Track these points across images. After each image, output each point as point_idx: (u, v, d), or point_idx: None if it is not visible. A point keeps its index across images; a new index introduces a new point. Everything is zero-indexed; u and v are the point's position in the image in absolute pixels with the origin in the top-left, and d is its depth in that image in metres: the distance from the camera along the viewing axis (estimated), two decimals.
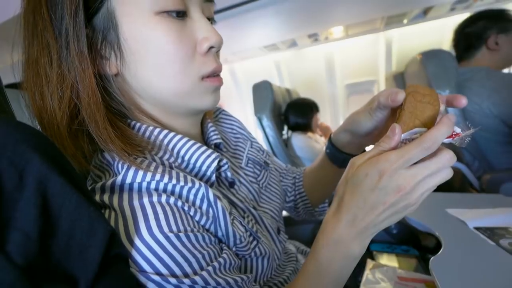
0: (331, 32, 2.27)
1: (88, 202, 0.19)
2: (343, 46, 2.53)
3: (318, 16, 1.92)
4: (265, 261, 0.40)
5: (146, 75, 0.33)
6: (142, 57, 0.32)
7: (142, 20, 0.30)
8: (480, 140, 1.10)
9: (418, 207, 0.31)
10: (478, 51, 1.11)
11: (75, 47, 0.29)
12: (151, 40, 0.31)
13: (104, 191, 0.31)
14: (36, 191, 0.16)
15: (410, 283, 0.55)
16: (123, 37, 0.31)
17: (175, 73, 0.32)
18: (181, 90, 0.34)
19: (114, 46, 0.31)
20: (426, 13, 1.97)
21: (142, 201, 0.29)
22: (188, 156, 0.36)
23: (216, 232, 0.34)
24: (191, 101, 0.35)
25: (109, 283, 0.18)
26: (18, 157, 0.16)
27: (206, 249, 0.31)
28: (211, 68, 0.34)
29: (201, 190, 0.33)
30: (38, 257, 0.15)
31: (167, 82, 0.33)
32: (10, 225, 0.15)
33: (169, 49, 0.31)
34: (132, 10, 0.30)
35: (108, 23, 0.30)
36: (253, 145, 0.54)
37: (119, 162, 0.32)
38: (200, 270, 0.29)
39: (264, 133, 1.89)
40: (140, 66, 0.32)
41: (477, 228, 0.52)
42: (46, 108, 0.31)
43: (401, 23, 2.13)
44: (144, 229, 0.27)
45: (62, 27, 0.29)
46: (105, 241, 0.18)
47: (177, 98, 0.35)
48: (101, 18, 0.30)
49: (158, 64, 0.32)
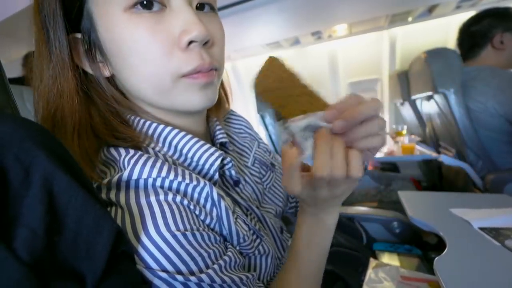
0: (334, 30, 2.26)
1: (94, 199, 0.19)
2: (346, 44, 2.52)
3: (321, 14, 1.91)
4: (268, 260, 0.40)
5: (127, 76, 0.32)
6: (120, 59, 0.31)
7: (114, 20, 0.29)
8: (484, 139, 1.09)
9: (422, 206, 0.32)
10: (483, 50, 1.10)
11: (59, 53, 0.30)
12: (123, 40, 0.29)
13: (110, 188, 0.31)
14: (42, 187, 0.16)
15: (413, 283, 0.54)
16: (101, 39, 0.31)
17: (150, 74, 0.31)
18: (160, 90, 0.32)
19: (99, 48, 0.31)
20: (431, 11, 1.95)
21: (149, 199, 0.29)
22: (191, 154, 0.36)
23: (221, 231, 0.34)
24: (176, 101, 0.33)
25: (116, 281, 0.18)
26: (24, 154, 0.16)
27: (211, 247, 0.31)
28: (192, 65, 0.30)
29: (205, 189, 0.33)
30: (44, 254, 0.15)
31: (144, 82, 0.31)
32: (17, 221, 0.15)
33: (139, 48, 0.29)
34: (104, 11, 0.29)
35: (89, 29, 0.30)
36: (260, 146, 0.54)
37: (126, 158, 0.31)
38: (206, 268, 0.29)
39: (267, 131, 1.89)
40: (121, 67, 0.31)
41: (482, 229, 0.52)
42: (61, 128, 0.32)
43: (406, 21, 2.11)
44: (151, 227, 0.27)
45: (49, 35, 0.30)
46: (112, 239, 0.18)
47: (161, 99, 0.33)
48: (85, 21, 0.30)
49: (132, 64, 0.30)
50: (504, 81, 1.00)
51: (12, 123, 0.16)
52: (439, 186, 1.47)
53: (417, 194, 0.78)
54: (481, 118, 1.06)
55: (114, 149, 0.33)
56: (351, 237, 0.76)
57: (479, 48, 1.11)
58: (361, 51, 2.52)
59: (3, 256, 0.14)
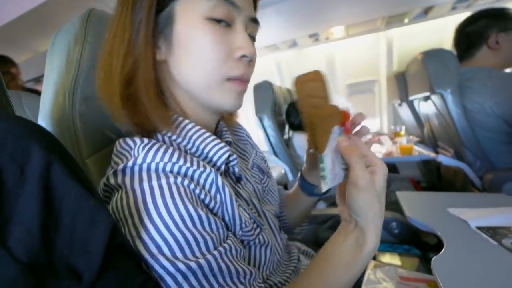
0: (331, 32, 2.27)
1: (89, 194, 0.19)
2: (344, 46, 2.53)
3: (318, 16, 1.92)
4: (268, 251, 0.42)
5: (185, 67, 0.38)
6: (186, 51, 0.37)
7: (193, 23, 0.36)
8: (482, 139, 1.09)
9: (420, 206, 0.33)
10: (479, 50, 1.10)
11: (144, 33, 0.36)
12: (195, 39, 0.36)
13: (125, 173, 0.34)
14: (37, 185, 0.16)
15: (411, 283, 0.54)
16: (175, 32, 0.37)
17: (208, 69, 0.37)
18: (207, 85, 0.38)
19: (167, 38, 0.38)
20: (427, 13, 1.97)
21: (160, 181, 0.32)
22: (203, 145, 0.40)
23: (223, 216, 0.36)
24: (215, 99, 0.40)
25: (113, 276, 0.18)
26: (19, 152, 0.16)
27: (214, 232, 0.33)
28: (238, 72, 0.39)
29: (211, 175, 0.36)
30: (40, 251, 0.15)
31: (200, 76, 0.38)
32: (12, 220, 0.15)
33: (206, 48, 0.37)
34: (188, 14, 0.36)
35: (168, 21, 0.37)
36: (257, 154, 0.58)
37: (140, 146, 0.35)
38: (207, 252, 0.31)
39: (265, 133, 1.89)
40: (183, 58, 0.38)
41: (479, 228, 0.52)
42: (109, 76, 0.38)
43: (402, 22, 2.13)
44: (161, 206, 0.30)
45: (137, 17, 0.36)
46: (107, 233, 0.18)
47: (203, 92, 0.39)
48: (163, 16, 0.37)
49: (196, 59, 0.37)
50: (501, 81, 1.01)
51: (5, 121, 0.16)
52: (438, 186, 1.47)
53: (415, 195, 0.78)
54: (478, 118, 1.07)
55: (130, 139, 0.37)
56: None
57: (475, 49, 1.11)
58: (359, 52, 2.54)
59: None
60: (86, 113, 0.44)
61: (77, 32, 0.44)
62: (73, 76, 0.43)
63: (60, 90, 0.44)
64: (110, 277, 0.18)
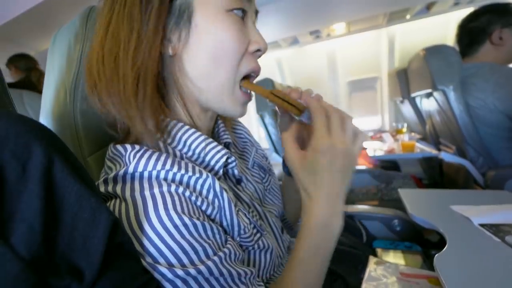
0: (333, 29, 2.26)
1: (91, 192, 0.19)
2: (345, 43, 2.52)
3: (319, 13, 1.91)
4: (268, 255, 0.40)
5: (201, 62, 0.36)
6: (204, 45, 0.35)
7: (214, 15, 0.35)
8: (484, 136, 1.09)
9: (423, 204, 0.32)
10: (482, 46, 1.09)
11: (154, 24, 0.33)
12: (218, 33, 0.35)
13: (116, 182, 0.32)
14: (39, 182, 0.16)
15: (412, 279, 0.54)
16: (194, 24, 0.35)
17: (227, 66, 0.36)
18: (221, 86, 0.37)
19: (182, 30, 0.35)
20: (429, 8, 1.95)
21: (153, 191, 0.31)
22: (199, 149, 0.38)
23: (221, 222, 0.35)
24: (225, 101, 0.39)
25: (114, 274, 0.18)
26: (21, 150, 0.16)
27: (211, 239, 0.32)
28: (252, 66, 0.39)
29: (208, 180, 0.34)
30: (42, 249, 0.15)
31: (217, 73, 0.37)
32: (15, 217, 0.15)
33: (229, 45, 0.36)
34: (208, 5, 0.35)
35: (185, 10, 0.35)
36: (258, 151, 0.57)
37: (131, 153, 0.34)
38: (206, 259, 0.30)
39: (266, 130, 1.89)
40: (200, 52, 0.36)
41: (482, 225, 0.52)
42: (118, 70, 0.34)
43: (404, 18, 2.11)
44: (154, 218, 0.29)
45: (148, 6, 0.33)
46: (108, 231, 0.18)
47: (217, 92, 0.38)
48: (178, 6, 0.35)
49: (215, 55, 0.36)
50: (503, 77, 1.00)
51: (6, 119, 0.16)
52: (440, 183, 1.47)
53: (418, 192, 0.78)
54: (480, 114, 1.06)
55: (120, 145, 0.36)
56: (351, 235, 0.76)
57: (478, 45, 1.10)
58: (360, 49, 2.52)
59: (1, 251, 0.14)
60: (87, 111, 0.44)
61: (77, 30, 0.44)
62: (74, 74, 0.43)
63: (61, 88, 0.44)
64: (111, 276, 0.18)
